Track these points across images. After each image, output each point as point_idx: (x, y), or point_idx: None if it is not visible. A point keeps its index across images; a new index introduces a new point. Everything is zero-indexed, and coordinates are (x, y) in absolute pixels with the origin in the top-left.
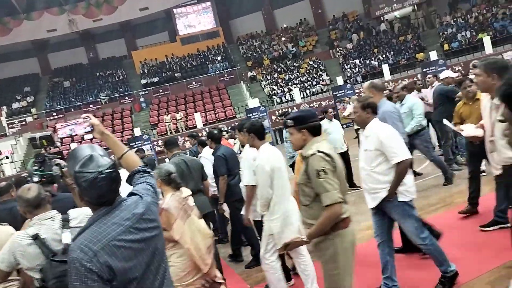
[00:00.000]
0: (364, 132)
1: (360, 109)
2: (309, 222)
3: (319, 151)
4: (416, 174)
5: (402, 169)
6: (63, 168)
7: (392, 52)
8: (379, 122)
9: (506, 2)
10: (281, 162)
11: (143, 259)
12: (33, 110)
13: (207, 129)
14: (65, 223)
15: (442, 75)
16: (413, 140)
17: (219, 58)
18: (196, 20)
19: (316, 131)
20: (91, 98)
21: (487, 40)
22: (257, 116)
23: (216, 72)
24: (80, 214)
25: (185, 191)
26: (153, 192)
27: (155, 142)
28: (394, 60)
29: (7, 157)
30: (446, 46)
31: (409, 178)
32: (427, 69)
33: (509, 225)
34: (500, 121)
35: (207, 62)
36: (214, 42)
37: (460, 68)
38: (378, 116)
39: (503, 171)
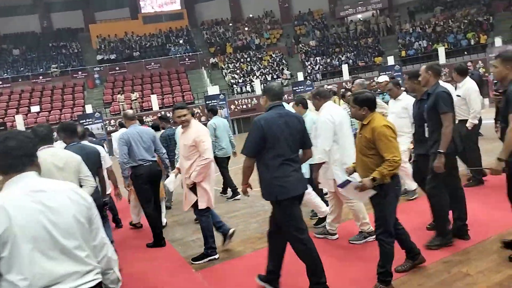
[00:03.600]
0: None
1: None
2: None
3: None
4: None
5: None
6: None
7: (352, 54)
8: None
9: (461, 17)
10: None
11: None
12: None
13: (162, 112)
14: None
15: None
16: None
17: (181, 41)
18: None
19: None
20: (41, 69)
21: (441, 51)
22: (216, 103)
23: (177, 55)
24: None
25: None
26: None
27: (107, 121)
28: (354, 62)
29: None
30: (403, 53)
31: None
32: (384, 73)
33: None
34: None
35: (168, 44)
36: (178, 24)
37: None
38: None
39: None
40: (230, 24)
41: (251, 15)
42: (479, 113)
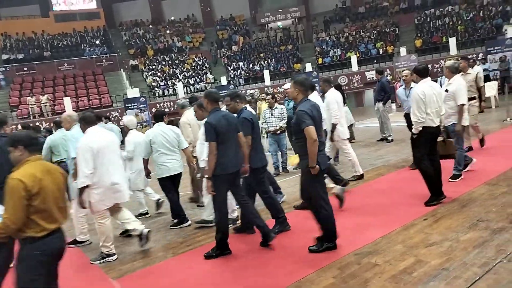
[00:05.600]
0: None
1: None
2: None
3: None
4: None
5: None
6: None
7: (273, 59)
8: None
9: (371, 27)
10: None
11: None
12: None
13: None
14: None
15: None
16: None
17: (97, 42)
18: None
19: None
20: None
21: (354, 59)
22: (136, 106)
23: (93, 56)
24: None
25: None
26: None
27: (14, 126)
28: (275, 67)
29: None
30: (320, 60)
31: None
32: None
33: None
34: None
35: (83, 44)
36: (94, 23)
37: None
38: None
39: None
40: (151, 26)
41: (172, 18)
42: (337, 119)
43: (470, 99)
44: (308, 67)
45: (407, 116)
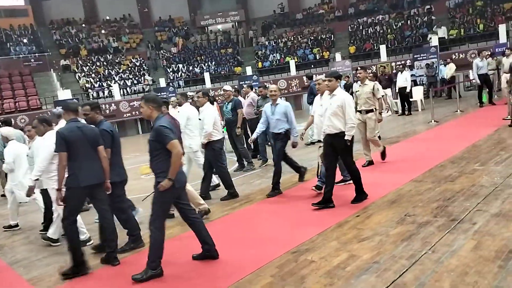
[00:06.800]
0: None
1: None
2: None
3: None
4: None
5: None
6: None
7: (214, 62)
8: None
9: (308, 33)
10: None
11: None
12: None
13: (1, 118)
14: None
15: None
16: None
17: (25, 40)
18: None
19: None
20: None
21: (292, 64)
22: None
23: (21, 56)
24: None
25: None
26: None
27: None
28: (215, 70)
29: None
30: (260, 64)
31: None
32: (243, 82)
33: None
34: None
35: (9, 43)
36: (21, 21)
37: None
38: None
39: None
40: (84, 25)
41: (107, 17)
42: (209, 134)
43: (367, 111)
44: (249, 70)
45: (275, 136)
